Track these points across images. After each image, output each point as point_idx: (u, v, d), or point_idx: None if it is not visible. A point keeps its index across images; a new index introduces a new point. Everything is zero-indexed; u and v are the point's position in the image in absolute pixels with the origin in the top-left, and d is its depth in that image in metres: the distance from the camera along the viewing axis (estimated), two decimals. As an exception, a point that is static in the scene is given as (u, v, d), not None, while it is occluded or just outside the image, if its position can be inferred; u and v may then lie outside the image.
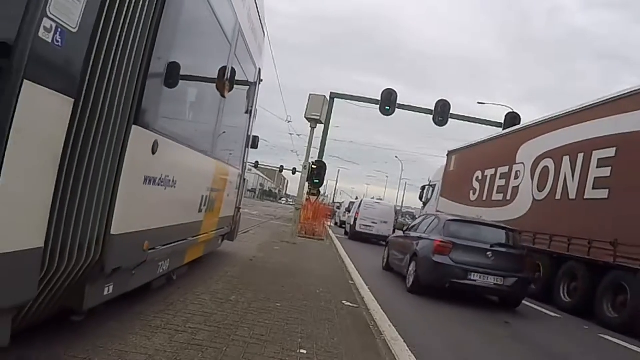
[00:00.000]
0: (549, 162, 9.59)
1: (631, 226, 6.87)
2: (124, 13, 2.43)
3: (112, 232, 2.71)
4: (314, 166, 15.04)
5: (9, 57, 1.66)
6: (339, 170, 64.64)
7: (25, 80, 1.70)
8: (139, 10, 2.57)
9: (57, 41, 1.86)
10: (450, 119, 18.70)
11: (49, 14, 1.79)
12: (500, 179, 11.90)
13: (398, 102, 18.74)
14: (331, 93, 19.18)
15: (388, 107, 18.61)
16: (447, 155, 16.42)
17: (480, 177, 13.14)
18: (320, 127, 16.57)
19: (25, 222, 1.92)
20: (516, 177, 11.00)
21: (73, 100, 2.06)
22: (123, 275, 3.14)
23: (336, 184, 67.94)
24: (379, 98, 18.70)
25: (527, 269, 7.59)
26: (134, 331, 3.16)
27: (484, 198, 12.69)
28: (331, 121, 19.55)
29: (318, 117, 13.63)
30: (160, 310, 3.75)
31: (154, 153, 3.08)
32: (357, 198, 34.20)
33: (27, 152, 1.83)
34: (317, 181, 15.54)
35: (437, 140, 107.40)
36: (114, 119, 2.52)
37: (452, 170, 15.66)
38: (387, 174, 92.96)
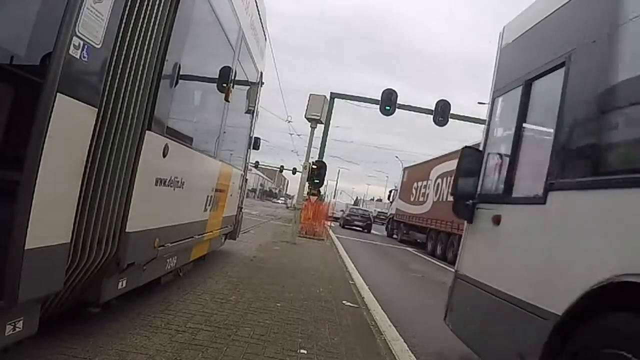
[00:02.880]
0: (440, 180, 17.02)
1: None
2: (139, 29, 2.63)
3: (127, 230, 2.91)
4: (314, 166, 14.97)
5: (45, 73, 1.85)
6: (339, 170, 64.74)
7: (58, 94, 1.90)
8: (151, 26, 2.77)
9: (84, 57, 2.06)
10: (450, 119, 18.66)
11: (77, 32, 1.98)
12: (423, 188, 19.24)
13: (398, 102, 18.65)
14: (331, 93, 19.16)
15: (388, 107, 18.60)
16: (403, 170, 24.65)
17: (416, 187, 20.51)
18: (320, 127, 16.69)
19: (56, 219, 2.12)
20: (428, 188, 18.38)
21: (96, 109, 2.27)
22: (135, 270, 3.34)
23: (336, 184, 67.98)
24: (379, 98, 18.58)
25: (370, 220, 28.67)
26: (134, 331, 3.18)
27: (415, 200, 20.23)
28: (331, 121, 19.63)
29: (318, 117, 13.71)
30: (160, 310, 3.76)
31: (164, 156, 3.28)
32: (357, 198, 43.77)
33: (59, 157, 2.02)
34: (317, 181, 15.52)
35: (437, 140, 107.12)
36: (130, 126, 2.73)
37: (405, 180, 23.37)
38: (387, 174, 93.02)
